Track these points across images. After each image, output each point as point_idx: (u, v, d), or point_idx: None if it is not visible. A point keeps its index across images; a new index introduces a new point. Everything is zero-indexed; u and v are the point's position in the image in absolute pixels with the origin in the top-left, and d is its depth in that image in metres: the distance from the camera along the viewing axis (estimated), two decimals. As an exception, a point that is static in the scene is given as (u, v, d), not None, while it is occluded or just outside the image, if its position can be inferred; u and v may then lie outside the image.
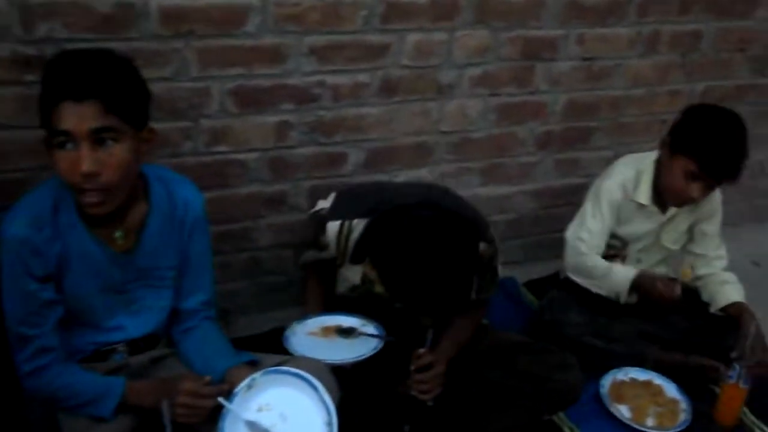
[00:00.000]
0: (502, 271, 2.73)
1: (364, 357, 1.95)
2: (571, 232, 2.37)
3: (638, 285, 2.31)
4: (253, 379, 1.73)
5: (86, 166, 1.56)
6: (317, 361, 1.94)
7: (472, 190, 2.63)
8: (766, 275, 3.02)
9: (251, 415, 1.69)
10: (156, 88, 2.02)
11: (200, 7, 1.99)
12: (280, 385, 1.74)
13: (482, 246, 1.90)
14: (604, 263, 2.34)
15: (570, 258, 2.38)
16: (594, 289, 2.35)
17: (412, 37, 2.28)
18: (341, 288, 2.10)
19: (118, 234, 1.77)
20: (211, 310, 2.00)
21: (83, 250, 1.74)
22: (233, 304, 2.45)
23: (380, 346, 1.97)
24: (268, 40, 2.10)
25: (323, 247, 2.01)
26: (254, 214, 2.33)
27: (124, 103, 1.60)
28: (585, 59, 2.59)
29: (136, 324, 1.90)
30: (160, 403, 1.70)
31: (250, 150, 2.23)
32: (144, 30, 1.96)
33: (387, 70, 2.29)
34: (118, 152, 1.61)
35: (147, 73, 1.98)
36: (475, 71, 2.43)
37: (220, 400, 1.69)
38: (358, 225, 1.92)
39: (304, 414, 1.69)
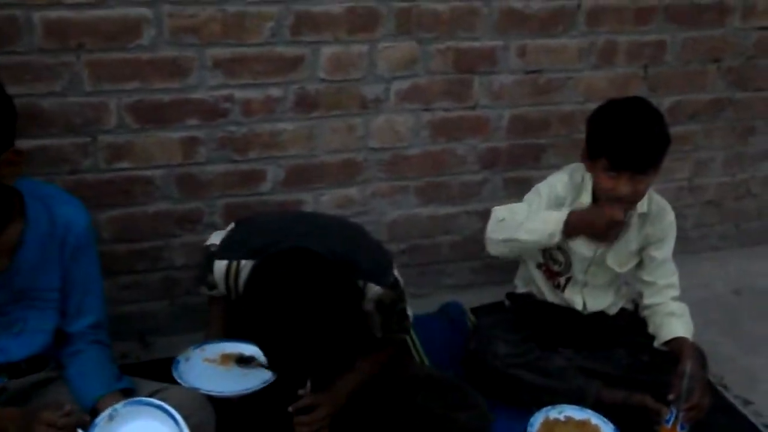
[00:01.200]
0: (448, 295, 2.63)
1: (249, 391, 1.84)
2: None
3: (577, 220, 2.08)
4: (115, 410, 1.67)
5: None
6: (194, 393, 1.85)
7: (409, 210, 2.50)
8: (746, 304, 2.79)
9: (110, 450, 1.62)
10: (47, 103, 1.99)
11: (88, 20, 1.93)
12: (142, 417, 1.67)
13: (379, 291, 1.82)
14: (526, 206, 2.17)
15: (490, 227, 2.18)
16: (523, 237, 2.10)
17: (328, 50, 2.17)
18: None
19: None
20: (100, 333, 1.91)
21: None
22: (151, 325, 2.37)
23: (271, 380, 1.85)
24: (166, 53, 2.03)
25: (212, 286, 1.91)
26: (166, 233, 2.25)
27: None
28: (529, 72, 2.43)
29: (18, 346, 1.83)
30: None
31: (156, 167, 2.15)
32: (29, 44, 1.91)
33: (302, 83, 2.19)
34: None
35: (37, 88, 1.95)
36: (403, 84, 2.30)
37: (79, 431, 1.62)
38: (246, 266, 1.79)
39: (162, 451, 1.61)
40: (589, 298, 2.29)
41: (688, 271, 2.35)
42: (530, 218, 2.12)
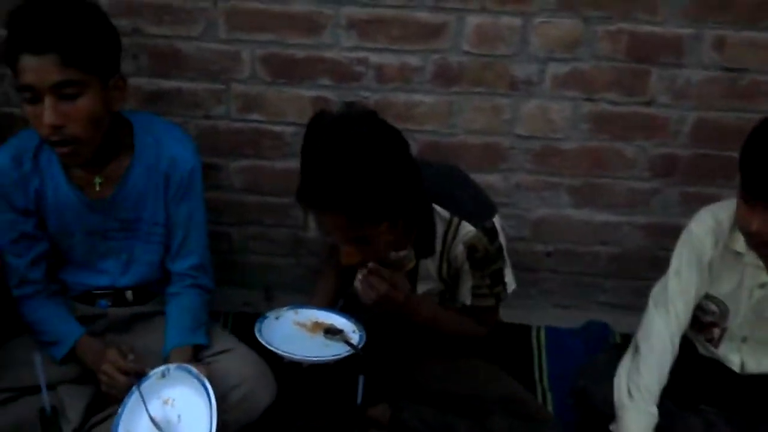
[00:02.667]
0: (599, 313, 2.31)
1: (319, 360, 1.77)
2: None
3: None
4: (167, 369, 1.73)
5: (49, 119, 1.60)
6: (257, 361, 1.88)
7: (560, 209, 2.22)
8: None
9: (154, 405, 1.69)
10: (185, 46, 2.04)
11: (225, -32, 1.93)
12: (186, 384, 1.70)
13: (472, 232, 1.68)
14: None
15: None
16: None
17: (474, 19, 1.96)
18: None
19: (97, 180, 1.82)
20: (201, 277, 1.97)
21: (58, 192, 1.82)
22: (276, 280, 2.39)
23: (343, 355, 1.77)
24: (301, 8, 1.97)
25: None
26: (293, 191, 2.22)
27: (85, 55, 1.61)
28: (727, 69, 2.00)
29: (124, 273, 1.95)
30: (98, 366, 1.78)
31: (287, 123, 2.12)
32: (171, -14, 1.96)
33: (443, 54, 2.01)
34: (82, 104, 1.63)
35: (175, 30, 2.01)
36: (561, 68, 2.02)
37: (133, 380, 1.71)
38: None
39: (194, 423, 1.63)
40: (749, 356, 1.86)
41: None
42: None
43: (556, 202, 2.21)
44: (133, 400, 1.70)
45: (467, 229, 1.69)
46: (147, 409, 1.66)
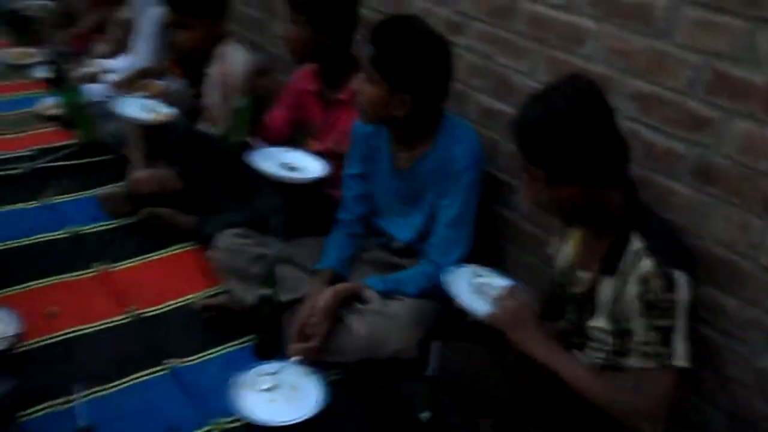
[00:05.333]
0: None
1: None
2: None
3: None
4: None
5: None
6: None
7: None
8: None
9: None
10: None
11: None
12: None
13: (650, 267, 1.67)
14: None
15: None
16: None
17: (740, 124, 1.83)
18: None
19: (401, 156, 2.43)
20: (437, 256, 2.36)
21: (381, 154, 2.48)
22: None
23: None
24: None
25: None
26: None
27: None
28: None
29: (402, 230, 2.52)
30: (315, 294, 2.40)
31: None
32: None
33: (706, 149, 1.92)
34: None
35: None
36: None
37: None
38: None
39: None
40: None
41: None
42: None
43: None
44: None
45: (647, 264, 1.68)
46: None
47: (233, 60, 2.98)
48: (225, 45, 3.02)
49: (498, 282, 2.07)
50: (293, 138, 2.92)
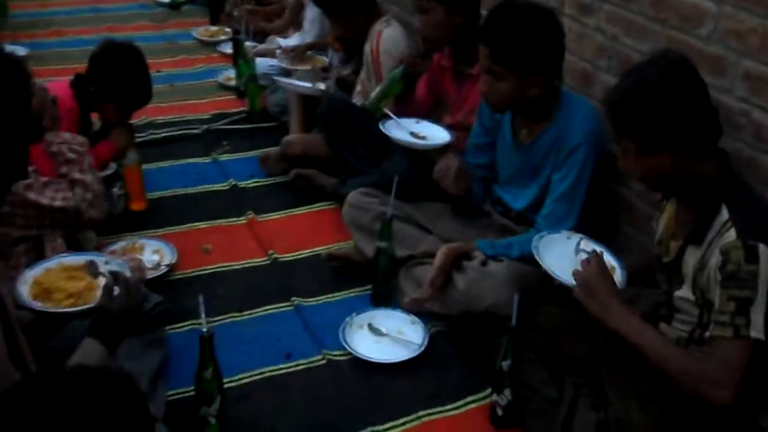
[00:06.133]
0: None
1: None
2: None
3: None
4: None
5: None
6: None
7: None
8: None
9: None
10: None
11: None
12: None
13: (733, 239, 1.70)
14: None
15: None
16: None
17: None
18: None
19: (523, 131, 2.57)
20: (548, 228, 2.43)
21: (504, 128, 2.64)
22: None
23: None
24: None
25: None
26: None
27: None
28: None
29: (517, 199, 2.67)
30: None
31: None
32: None
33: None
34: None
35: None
36: None
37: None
38: None
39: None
40: None
41: None
42: None
43: None
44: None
45: (730, 236, 1.71)
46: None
47: (385, 39, 3.22)
48: (380, 24, 3.27)
49: (592, 248, 2.15)
50: (432, 112, 3.12)
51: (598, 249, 2.10)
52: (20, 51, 4.61)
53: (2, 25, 5.24)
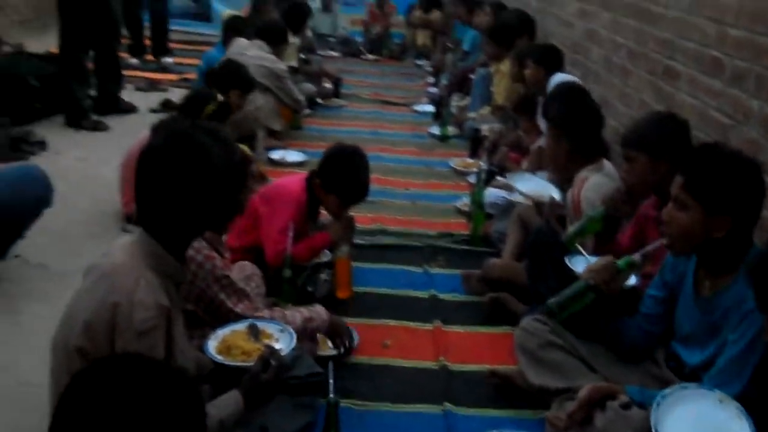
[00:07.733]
0: None
1: None
2: None
3: None
4: None
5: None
6: None
7: None
8: None
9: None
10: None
11: None
12: None
13: None
14: None
15: None
16: None
17: None
18: None
19: (705, 284, 2.51)
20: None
21: (684, 282, 2.59)
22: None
23: None
24: None
25: None
26: None
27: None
28: None
29: (692, 356, 2.57)
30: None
31: None
32: None
33: None
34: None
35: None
36: None
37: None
38: None
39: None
40: None
41: None
42: None
43: None
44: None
45: None
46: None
47: (588, 187, 3.29)
48: (587, 171, 3.37)
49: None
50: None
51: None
52: (298, 157, 5.38)
53: (296, 135, 6.12)
